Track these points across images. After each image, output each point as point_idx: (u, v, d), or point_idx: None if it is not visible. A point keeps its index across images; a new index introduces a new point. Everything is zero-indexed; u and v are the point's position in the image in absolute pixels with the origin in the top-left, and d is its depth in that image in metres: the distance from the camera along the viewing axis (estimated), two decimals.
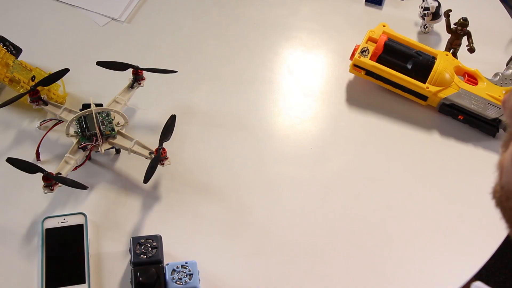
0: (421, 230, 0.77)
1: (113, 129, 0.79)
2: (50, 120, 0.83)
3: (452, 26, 0.92)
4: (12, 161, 0.71)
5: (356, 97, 0.91)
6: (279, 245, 0.75)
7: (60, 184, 0.72)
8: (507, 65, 0.94)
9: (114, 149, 0.81)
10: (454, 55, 0.93)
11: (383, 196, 0.80)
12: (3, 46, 0.85)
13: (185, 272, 0.67)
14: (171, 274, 0.67)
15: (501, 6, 1.08)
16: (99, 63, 0.83)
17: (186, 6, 1.04)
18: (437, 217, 0.78)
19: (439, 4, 0.97)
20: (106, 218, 0.76)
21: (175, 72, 0.83)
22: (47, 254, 0.70)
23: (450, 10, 0.92)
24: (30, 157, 0.80)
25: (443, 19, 0.96)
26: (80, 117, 0.79)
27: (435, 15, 0.97)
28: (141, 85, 0.85)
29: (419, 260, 0.74)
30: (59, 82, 0.83)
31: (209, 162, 0.83)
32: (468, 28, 0.91)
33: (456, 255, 0.75)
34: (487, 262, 0.74)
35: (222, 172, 0.82)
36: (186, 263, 0.68)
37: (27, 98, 0.81)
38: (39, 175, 0.71)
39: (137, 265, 0.68)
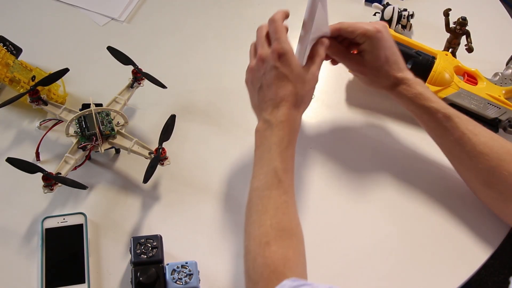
0: (420, 229, 0.77)
1: (112, 129, 0.79)
2: (50, 120, 0.83)
3: (451, 25, 0.92)
4: (12, 161, 0.71)
5: (356, 97, 0.92)
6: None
7: (60, 184, 0.72)
8: (506, 64, 0.94)
9: (113, 149, 0.81)
10: (453, 54, 0.93)
11: (382, 195, 0.80)
12: (3, 46, 0.85)
13: (185, 272, 0.68)
14: (171, 274, 0.67)
15: (501, 6, 1.08)
16: (109, 48, 0.84)
17: (186, 6, 1.04)
18: (436, 217, 0.78)
19: (393, 6, 0.97)
20: (106, 218, 0.76)
21: (165, 87, 0.83)
22: (46, 254, 0.70)
23: (450, 9, 0.92)
24: (30, 157, 0.80)
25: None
26: (80, 117, 0.79)
27: (399, 18, 0.97)
28: (141, 85, 0.85)
29: (418, 260, 0.74)
30: (59, 82, 0.84)
31: (209, 161, 0.83)
32: (468, 28, 0.91)
33: (455, 255, 0.75)
34: (486, 262, 0.74)
35: (222, 171, 0.82)
36: (186, 263, 0.68)
37: (27, 98, 0.81)
38: (39, 175, 0.71)
39: (137, 265, 0.68)
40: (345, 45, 0.80)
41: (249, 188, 0.67)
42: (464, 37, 0.92)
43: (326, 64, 0.97)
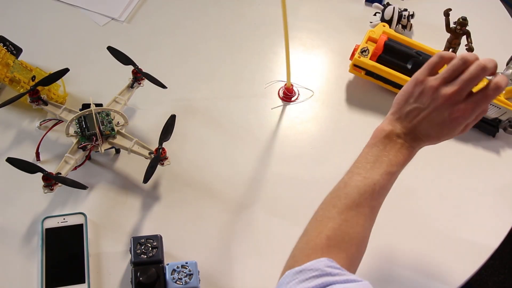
0: (421, 229, 0.77)
1: (113, 129, 0.79)
2: (50, 120, 0.83)
3: (452, 25, 0.92)
4: (12, 161, 0.71)
5: (356, 97, 0.91)
6: (279, 245, 0.75)
7: (60, 184, 0.72)
8: (507, 65, 0.94)
9: (114, 149, 0.81)
10: None
11: None
12: (3, 46, 0.85)
13: (185, 272, 0.68)
14: (171, 274, 0.67)
15: (501, 6, 1.08)
16: (110, 48, 0.84)
17: (186, 6, 1.04)
18: (436, 217, 0.78)
19: (393, 7, 0.97)
20: (106, 218, 0.76)
21: (165, 87, 0.83)
22: (47, 254, 0.70)
23: (450, 9, 0.92)
24: (30, 157, 0.80)
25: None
26: (80, 117, 0.79)
27: (399, 18, 0.97)
28: (141, 85, 0.85)
29: (418, 260, 0.74)
30: (59, 82, 0.84)
31: (209, 162, 0.83)
32: (468, 28, 0.91)
33: (455, 255, 0.75)
34: (486, 262, 0.74)
35: (222, 172, 0.82)
36: (186, 263, 0.68)
37: (27, 98, 0.81)
38: (39, 175, 0.71)
39: (137, 264, 0.68)
40: None
41: (346, 176, 0.63)
42: (464, 37, 0.92)
43: (326, 64, 0.98)
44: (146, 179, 0.73)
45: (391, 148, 0.62)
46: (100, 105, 0.82)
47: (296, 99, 0.91)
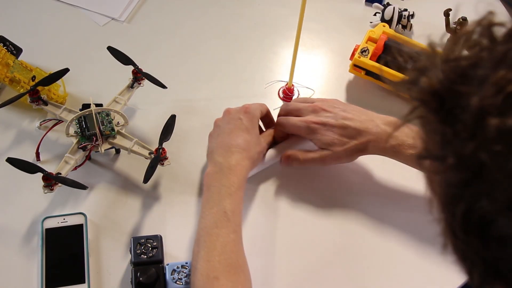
0: (420, 229, 0.77)
1: (113, 129, 0.79)
2: (50, 120, 0.83)
3: (452, 25, 0.92)
4: (12, 161, 0.71)
5: (356, 97, 0.91)
6: (278, 245, 0.75)
7: (60, 184, 0.72)
8: None
9: (114, 149, 0.81)
10: None
11: (382, 195, 0.80)
12: (3, 46, 0.85)
13: (185, 272, 0.68)
14: (171, 274, 0.67)
15: (501, 6, 1.08)
16: (110, 48, 0.84)
17: (186, 6, 1.04)
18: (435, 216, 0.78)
19: (393, 7, 0.97)
20: (106, 218, 0.76)
21: (165, 87, 0.83)
22: (47, 254, 0.70)
23: (450, 9, 0.92)
24: (30, 157, 0.80)
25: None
26: (80, 117, 0.79)
27: (399, 18, 0.97)
28: (141, 85, 0.85)
29: (417, 260, 0.74)
30: (59, 82, 0.83)
31: None
32: None
33: None
34: None
35: None
36: (186, 263, 0.68)
37: (27, 98, 0.81)
38: (39, 175, 0.71)
39: (137, 265, 0.68)
40: None
41: (197, 226, 0.68)
42: None
43: (326, 64, 0.98)
44: (146, 179, 0.73)
45: (220, 177, 0.69)
46: (100, 105, 0.82)
47: None
